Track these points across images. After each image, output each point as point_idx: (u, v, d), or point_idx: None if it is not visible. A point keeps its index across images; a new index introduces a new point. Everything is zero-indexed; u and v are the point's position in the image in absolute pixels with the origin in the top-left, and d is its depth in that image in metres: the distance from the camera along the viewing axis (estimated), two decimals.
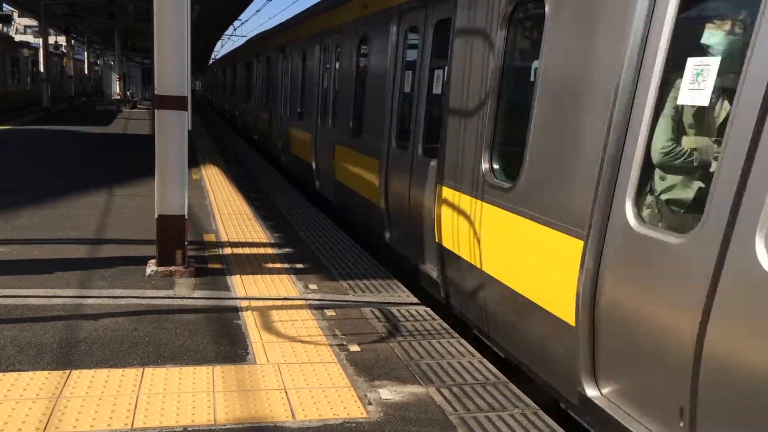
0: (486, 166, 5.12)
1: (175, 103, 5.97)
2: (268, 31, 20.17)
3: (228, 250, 7.27)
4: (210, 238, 7.79)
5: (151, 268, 6.17)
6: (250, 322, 5.18)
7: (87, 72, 62.02)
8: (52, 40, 46.31)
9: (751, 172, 2.90)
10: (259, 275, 6.40)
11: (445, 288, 6.02)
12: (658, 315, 3.36)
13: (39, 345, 4.51)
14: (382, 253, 7.89)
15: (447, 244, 5.76)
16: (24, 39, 53.25)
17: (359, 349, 4.77)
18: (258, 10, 49.69)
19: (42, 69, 33.68)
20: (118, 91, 40.98)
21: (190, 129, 6.11)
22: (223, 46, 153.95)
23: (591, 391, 3.87)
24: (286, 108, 14.92)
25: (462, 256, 5.47)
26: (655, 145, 3.60)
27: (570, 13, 4.23)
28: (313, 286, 6.16)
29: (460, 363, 4.65)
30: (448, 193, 5.74)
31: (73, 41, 46.29)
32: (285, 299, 5.78)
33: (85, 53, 61.61)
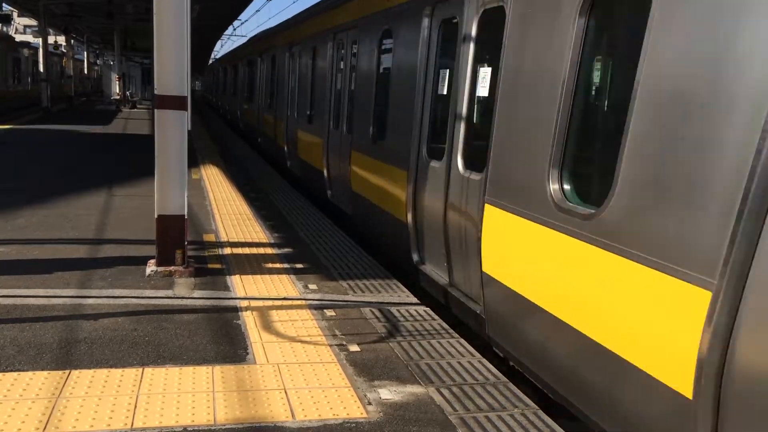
0: (555, 186, 4.29)
1: (175, 102, 5.97)
2: (274, 28, 19.29)
3: (228, 250, 7.27)
4: (210, 238, 7.79)
5: (150, 268, 6.17)
6: (250, 322, 5.18)
7: (86, 72, 62.05)
8: (51, 39, 46.33)
9: None
10: (259, 275, 6.40)
11: (493, 325, 5.18)
12: None
13: (39, 345, 4.51)
14: (405, 273, 7.21)
15: (496, 273, 4.95)
16: (23, 39, 53.33)
17: (359, 349, 4.77)
18: (258, 10, 49.65)
19: (42, 69, 33.68)
20: (118, 91, 40.98)
21: (189, 129, 6.11)
22: (223, 46, 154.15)
23: None
24: (293, 110, 14.01)
25: (517, 290, 4.64)
26: None
27: None
28: (312, 286, 6.16)
29: (459, 363, 4.65)
30: (497, 214, 4.96)
31: (72, 41, 46.29)
32: (285, 299, 5.78)
33: (85, 53, 61.65)
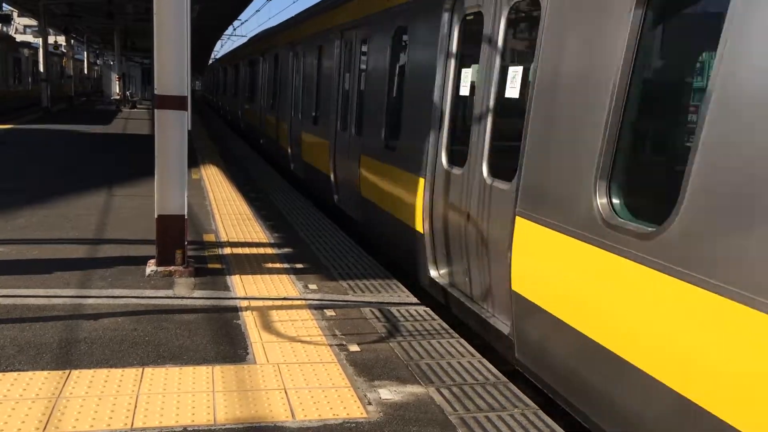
0: (603, 200, 3.87)
1: (175, 102, 5.97)
2: (277, 26, 18.60)
3: (228, 250, 7.27)
4: (210, 238, 7.79)
5: (150, 268, 6.17)
6: (250, 322, 5.18)
7: (86, 72, 62.06)
8: (51, 39, 46.34)
9: None
10: (259, 275, 6.40)
11: (523, 348, 4.74)
12: None
13: (39, 345, 4.51)
14: (419, 288, 6.86)
15: (528, 293, 4.56)
16: (23, 39, 53.34)
17: (359, 349, 4.77)
18: (258, 10, 49.65)
19: (42, 69, 33.70)
20: (118, 90, 41.00)
21: (189, 129, 6.11)
22: (223, 46, 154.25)
23: None
24: (297, 111, 13.52)
25: (555, 313, 4.22)
26: None
27: None
28: (312, 286, 6.16)
29: (459, 363, 4.65)
30: (530, 228, 4.54)
31: (72, 41, 46.30)
32: (285, 299, 5.78)
33: (85, 53, 61.67)
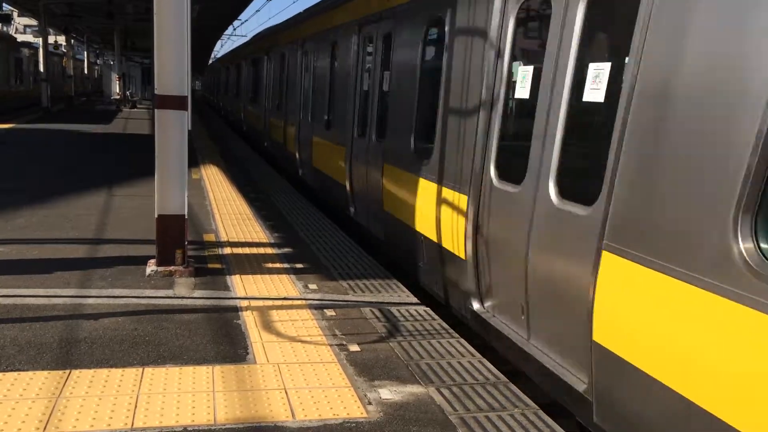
0: (747, 244, 3.01)
1: (175, 102, 5.97)
2: (284, 23, 17.44)
3: (228, 250, 7.27)
4: (210, 237, 7.80)
5: (150, 267, 6.17)
6: (250, 321, 5.19)
7: (87, 72, 62.07)
8: (51, 39, 46.36)
9: None
10: (259, 275, 6.40)
11: (605, 412, 3.90)
12: None
13: (39, 345, 4.51)
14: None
15: (618, 347, 3.70)
16: (23, 38, 53.36)
17: (359, 349, 4.77)
18: (258, 10, 49.62)
19: (42, 69, 33.71)
20: (118, 90, 41.01)
21: (190, 129, 6.11)
22: (223, 46, 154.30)
23: None
24: (306, 113, 12.62)
25: (659, 377, 3.41)
26: None
27: None
28: (312, 286, 6.16)
29: (460, 363, 4.65)
30: (624, 268, 3.68)
31: (72, 41, 46.30)
32: (285, 299, 5.78)
33: (85, 53, 61.67)
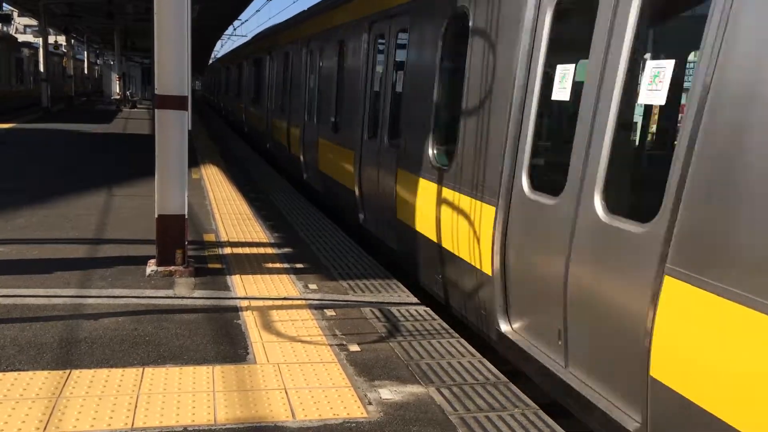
0: None
1: (175, 102, 5.97)
2: (287, 21, 16.79)
3: (228, 250, 7.27)
4: (210, 237, 7.80)
5: (151, 267, 6.17)
6: (250, 321, 5.19)
7: (87, 72, 62.08)
8: (51, 39, 46.35)
9: None
10: (259, 275, 6.40)
11: None
12: None
13: (39, 345, 4.51)
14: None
15: (682, 386, 3.25)
16: (23, 38, 53.37)
17: (359, 349, 4.77)
18: (258, 10, 49.63)
19: (42, 69, 33.72)
20: (118, 90, 41.02)
21: (190, 129, 6.11)
22: (223, 46, 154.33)
23: None
24: (312, 115, 12.09)
25: (734, 424, 2.98)
26: None
27: None
28: (313, 286, 6.16)
29: (460, 363, 4.65)
30: (694, 297, 3.20)
31: (72, 41, 46.30)
32: (285, 299, 5.78)
33: (85, 53, 61.67)
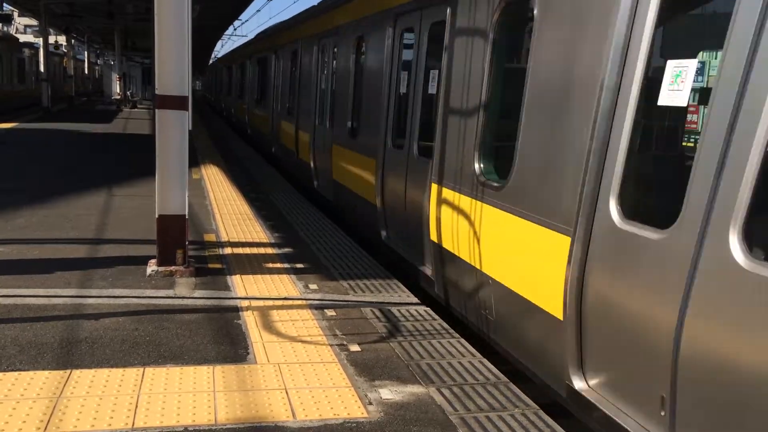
0: None
1: (176, 102, 5.97)
2: (295, 17, 15.75)
3: (228, 250, 7.27)
4: (210, 237, 7.80)
5: (151, 267, 6.17)
6: (251, 321, 5.19)
7: (87, 72, 62.10)
8: (52, 39, 46.37)
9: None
10: (260, 275, 6.40)
11: None
12: None
13: (40, 345, 4.51)
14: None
15: None
16: (24, 38, 53.37)
17: (359, 349, 4.77)
18: (258, 10, 49.62)
19: (42, 69, 33.73)
20: (119, 90, 41.03)
21: (190, 129, 6.12)
22: (224, 46, 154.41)
23: None
24: (324, 119, 11.25)
25: None
26: None
27: None
28: (313, 286, 6.16)
29: (460, 363, 4.65)
30: None
31: (73, 41, 46.31)
32: (285, 299, 5.79)
33: (86, 53, 61.69)
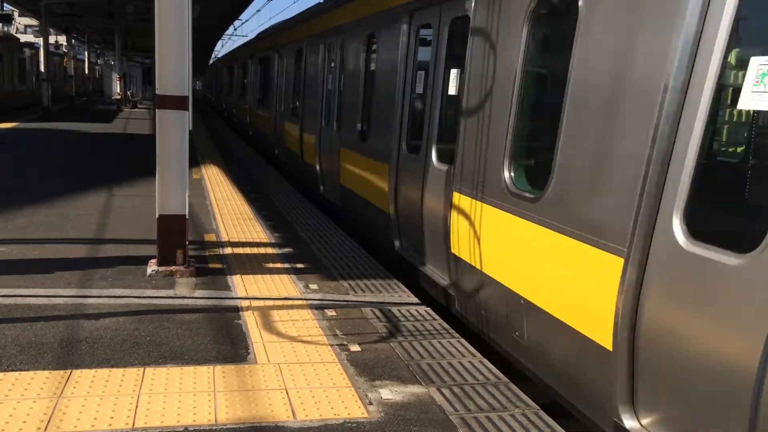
0: None
1: (176, 102, 5.97)
2: (297, 17, 15.24)
3: (228, 250, 7.27)
4: (210, 237, 7.80)
5: (151, 267, 6.17)
6: (251, 321, 5.19)
7: (87, 72, 62.10)
8: (52, 39, 46.40)
9: None
10: (260, 275, 6.40)
11: None
12: None
13: (40, 345, 4.51)
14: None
15: None
16: (24, 38, 53.39)
17: (360, 349, 4.77)
18: (258, 10, 49.61)
19: (43, 69, 33.73)
20: (119, 90, 41.01)
21: (191, 129, 6.12)
22: (224, 46, 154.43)
23: None
24: (331, 121, 10.68)
25: None
26: None
27: None
28: (313, 286, 6.16)
29: (460, 363, 4.65)
30: None
31: (73, 41, 46.31)
32: (286, 299, 5.79)
33: (86, 53, 61.69)
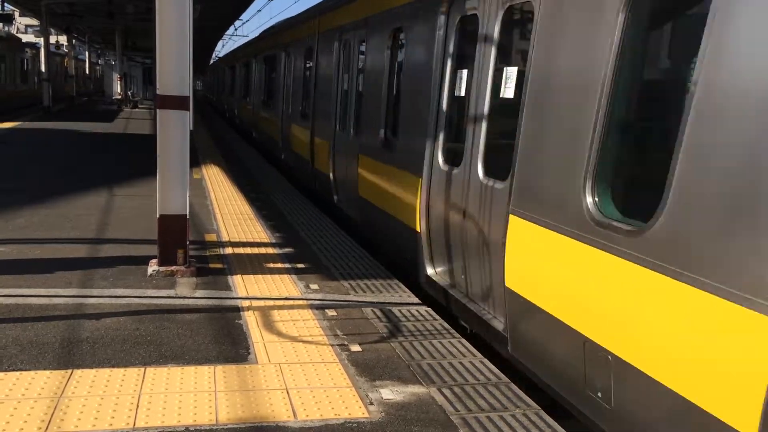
0: None
1: (177, 102, 5.97)
2: (306, 12, 13.99)
3: (229, 250, 7.27)
4: (211, 237, 7.80)
5: (152, 267, 6.17)
6: (252, 321, 5.19)
7: (88, 72, 62.10)
8: (53, 39, 46.40)
9: None
10: (261, 275, 6.40)
11: None
12: None
13: (41, 344, 4.51)
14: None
15: None
16: (25, 38, 53.41)
17: (360, 349, 4.77)
18: (259, 10, 49.57)
19: (43, 68, 33.74)
20: (119, 90, 41.02)
21: (191, 128, 6.12)
22: (224, 46, 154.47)
23: None
24: (347, 125, 9.73)
25: None
26: None
27: None
28: (314, 286, 6.16)
29: (461, 363, 4.65)
30: None
31: (74, 41, 46.31)
32: (286, 299, 5.79)
33: (86, 53, 61.70)
